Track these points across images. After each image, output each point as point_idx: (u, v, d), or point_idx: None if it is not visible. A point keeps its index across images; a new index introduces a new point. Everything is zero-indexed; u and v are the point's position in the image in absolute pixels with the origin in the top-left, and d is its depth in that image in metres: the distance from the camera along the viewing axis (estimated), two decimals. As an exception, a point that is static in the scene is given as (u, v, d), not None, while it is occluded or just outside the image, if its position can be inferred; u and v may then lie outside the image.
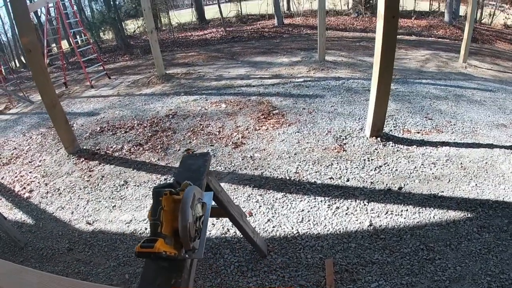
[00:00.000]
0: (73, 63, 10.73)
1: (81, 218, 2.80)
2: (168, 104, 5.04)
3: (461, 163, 2.89)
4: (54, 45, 11.50)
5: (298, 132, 3.72)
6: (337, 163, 3.08)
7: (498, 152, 3.00)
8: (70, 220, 2.81)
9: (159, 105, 5.05)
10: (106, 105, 5.43)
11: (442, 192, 2.57)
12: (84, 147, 4.00)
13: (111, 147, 3.93)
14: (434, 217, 2.34)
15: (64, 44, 11.12)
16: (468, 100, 4.32)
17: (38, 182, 3.42)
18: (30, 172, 3.65)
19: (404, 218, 2.37)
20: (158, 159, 3.54)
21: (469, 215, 2.32)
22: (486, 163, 2.87)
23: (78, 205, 2.98)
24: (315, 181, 2.87)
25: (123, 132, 4.29)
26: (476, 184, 2.60)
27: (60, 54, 7.89)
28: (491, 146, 3.12)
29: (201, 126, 4.15)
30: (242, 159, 3.34)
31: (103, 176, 3.37)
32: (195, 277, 2.13)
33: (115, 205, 2.91)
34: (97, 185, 3.25)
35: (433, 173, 2.79)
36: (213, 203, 1.77)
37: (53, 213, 2.92)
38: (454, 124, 3.61)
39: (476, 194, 2.50)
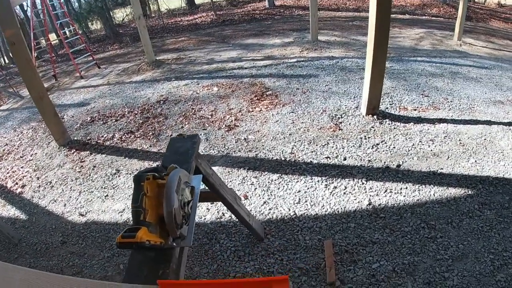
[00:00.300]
0: (62, 55, 10.40)
1: (73, 210, 2.71)
2: (159, 90, 4.86)
3: (459, 140, 2.79)
4: (42, 38, 11.10)
5: (292, 112, 3.59)
6: (333, 142, 2.97)
7: (496, 129, 2.91)
8: (63, 212, 2.71)
9: (150, 91, 4.87)
10: (96, 95, 5.26)
11: (442, 169, 2.48)
12: (75, 138, 3.87)
13: (102, 136, 3.79)
14: (434, 195, 2.25)
15: (53, 37, 10.73)
16: (464, 77, 4.19)
17: (30, 177, 3.31)
18: (21, 167, 3.53)
19: (404, 196, 2.28)
20: (150, 146, 3.42)
21: (469, 192, 2.24)
22: (485, 139, 2.77)
23: (70, 197, 2.88)
24: (311, 161, 2.76)
25: (114, 120, 4.13)
26: (475, 161, 2.52)
27: (48, 46, 7.59)
28: (489, 122, 3.02)
29: (193, 111, 4.00)
30: (236, 142, 3.22)
31: (94, 166, 3.25)
32: (190, 264, 2.05)
33: (107, 195, 2.80)
34: (88, 175, 3.13)
35: (431, 150, 2.70)
36: (205, 187, 1.68)
37: (45, 206, 2.83)
38: (451, 101, 3.49)
39: (476, 171, 2.42)
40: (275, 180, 2.61)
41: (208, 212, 2.39)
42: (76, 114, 4.60)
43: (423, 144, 2.78)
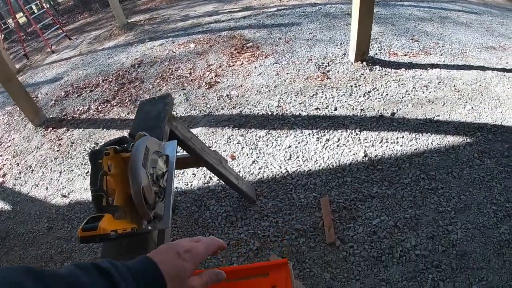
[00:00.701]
0: (32, 32, 9.38)
1: (56, 193, 2.46)
2: (133, 53, 4.36)
3: (454, 86, 2.52)
4: (10, 18, 9.93)
5: (276, 63, 3.20)
6: (322, 92, 2.64)
7: (490, 75, 2.62)
8: (46, 196, 2.46)
9: (124, 56, 4.36)
10: (69, 68, 4.73)
11: (438, 116, 2.24)
12: (51, 116, 3.49)
13: (78, 109, 3.41)
14: (432, 143, 2.04)
15: (21, 15, 9.58)
16: (454, 22, 3.78)
17: (10, 164, 2.99)
18: (0, 155, 3.19)
19: (401, 145, 2.06)
20: (128, 113, 3.07)
21: (468, 140, 2.03)
22: (480, 85, 2.50)
23: (51, 179, 2.61)
24: (300, 114, 2.46)
25: (89, 91, 3.71)
26: (472, 107, 2.28)
27: (15, 26, 6.75)
28: (482, 68, 2.73)
29: (170, 71, 3.58)
30: (218, 99, 2.88)
31: (72, 143, 2.93)
32: (181, 236, 1.80)
33: (88, 171, 2.52)
34: (67, 153, 2.83)
35: (426, 97, 2.44)
36: (185, 153, 1.44)
37: (28, 193, 2.57)
38: (442, 46, 3.15)
39: (473, 118, 2.19)
40: (263, 136, 2.32)
41: (195, 178, 2.14)
42: (50, 91, 4.14)
43: (417, 91, 2.51)
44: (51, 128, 3.25)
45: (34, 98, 3.82)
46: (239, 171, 2.08)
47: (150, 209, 0.77)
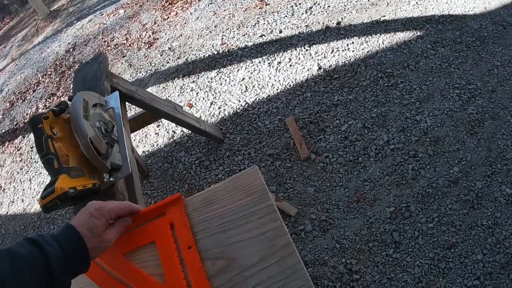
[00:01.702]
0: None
1: (32, 201, 2.23)
2: (64, 39, 3.82)
3: None
4: None
5: (211, 3, 2.84)
6: (264, 18, 2.38)
7: None
8: (24, 209, 2.24)
9: (56, 45, 3.82)
10: (6, 78, 4.14)
11: (384, 16, 2.07)
12: (3, 131, 3.09)
13: (27, 114, 3.02)
14: (383, 43, 1.90)
15: None
16: None
17: (-19, 193, 2.66)
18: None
19: (353, 51, 1.92)
20: (77, 100, 2.74)
21: (418, 33, 1.91)
22: None
23: (23, 189, 2.35)
24: (246, 45, 2.22)
25: (32, 92, 3.27)
26: (417, 2, 2.11)
27: None
28: None
29: (106, 43, 3.17)
30: (161, 55, 2.58)
31: (32, 147, 2.63)
32: (162, 196, 1.66)
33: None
34: (30, 158, 2.54)
35: (368, 1, 2.24)
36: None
37: (7, 212, 2.34)
38: None
39: (419, 12, 2.04)
40: (215, 77, 2.11)
41: (159, 136, 1.95)
42: (-5, 108, 3.65)
43: (358, -4, 2.29)
44: (7, 142, 2.90)
45: (-18, 121, 3.39)
46: (200, 116, 1.91)
47: (104, 159, 0.72)
